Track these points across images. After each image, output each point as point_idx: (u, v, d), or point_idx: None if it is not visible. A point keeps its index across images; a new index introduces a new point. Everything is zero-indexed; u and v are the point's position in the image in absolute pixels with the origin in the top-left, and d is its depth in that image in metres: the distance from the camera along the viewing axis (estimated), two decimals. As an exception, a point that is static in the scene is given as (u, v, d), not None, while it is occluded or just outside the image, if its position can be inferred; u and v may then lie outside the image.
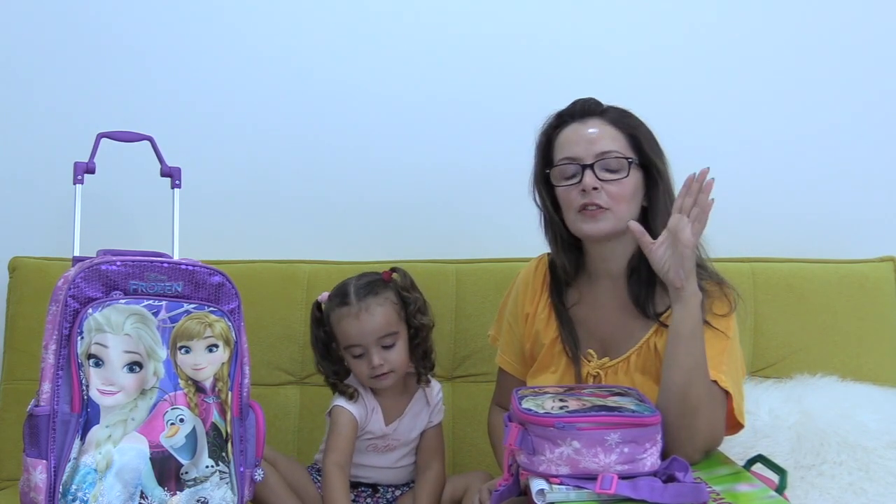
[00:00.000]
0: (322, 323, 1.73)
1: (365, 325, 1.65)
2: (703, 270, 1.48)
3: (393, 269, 1.75)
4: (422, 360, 1.75)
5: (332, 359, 1.73)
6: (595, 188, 1.47)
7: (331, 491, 1.63)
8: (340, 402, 1.71)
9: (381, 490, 1.77)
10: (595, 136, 1.50)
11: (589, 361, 1.54)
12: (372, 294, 1.68)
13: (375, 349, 1.66)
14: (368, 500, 1.76)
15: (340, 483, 1.64)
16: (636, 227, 1.43)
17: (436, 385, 1.81)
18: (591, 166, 1.48)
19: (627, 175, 1.48)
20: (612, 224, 1.48)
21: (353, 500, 1.75)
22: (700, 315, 1.38)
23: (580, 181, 1.48)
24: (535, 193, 1.60)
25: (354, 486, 1.76)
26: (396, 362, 1.68)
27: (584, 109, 1.54)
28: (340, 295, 1.70)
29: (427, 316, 1.73)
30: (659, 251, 1.40)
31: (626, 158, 1.48)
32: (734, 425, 1.45)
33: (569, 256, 1.58)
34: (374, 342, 1.66)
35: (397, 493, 1.78)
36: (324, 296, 1.75)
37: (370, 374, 1.68)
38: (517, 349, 1.66)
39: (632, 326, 1.52)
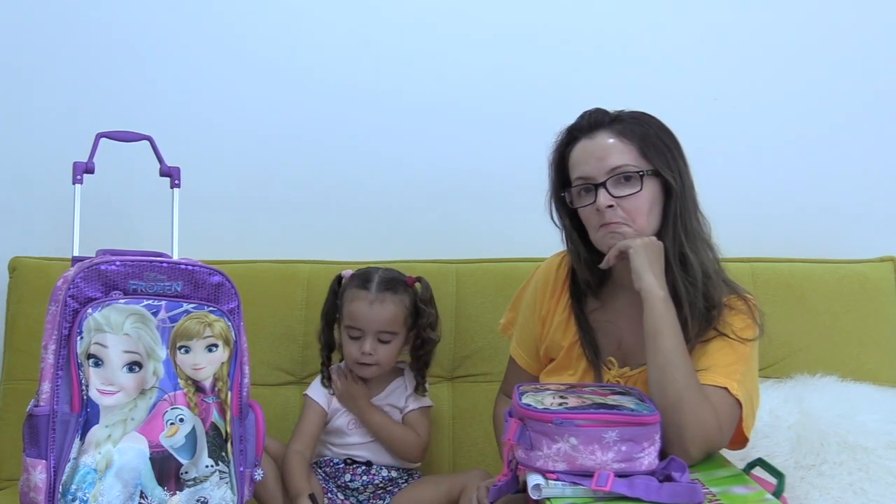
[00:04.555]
0: (337, 295, 1.83)
1: (372, 314, 1.76)
2: (723, 284, 1.47)
3: (418, 279, 1.85)
4: (421, 370, 1.85)
5: (332, 331, 1.85)
6: (610, 206, 1.43)
7: (291, 474, 1.72)
8: (312, 391, 1.84)
9: (376, 467, 1.81)
10: (604, 152, 1.45)
11: (609, 369, 1.52)
12: (391, 290, 1.78)
13: (372, 338, 1.76)
14: (364, 476, 1.80)
15: (299, 468, 1.73)
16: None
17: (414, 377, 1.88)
18: (604, 184, 1.44)
19: (641, 188, 1.43)
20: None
21: (350, 479, 1.80)
22: (663, 315, 1.38)
23: (595, 201, 1.45)
24: (552, 211, 1.57)
25: (349, 463, 1.81)
26: (384, 358, 1.78)
27: (592, 122, 1.49)
28: (363, 279, 1.80)
29: (436, 332, 1.84)
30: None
31: (638, 171, 1.44)
32: (740, 441, 1.44)
33: (592, 272, 1.54)
34: (373, 332, 1.76)
35: (393, 472, 1.81)
36: (347, 272, 1.85)
37: (357, 358, 1.77)
38: (531, 346, 1.65)
39: None
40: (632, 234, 1.44)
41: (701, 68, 2.21)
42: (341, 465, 1.81)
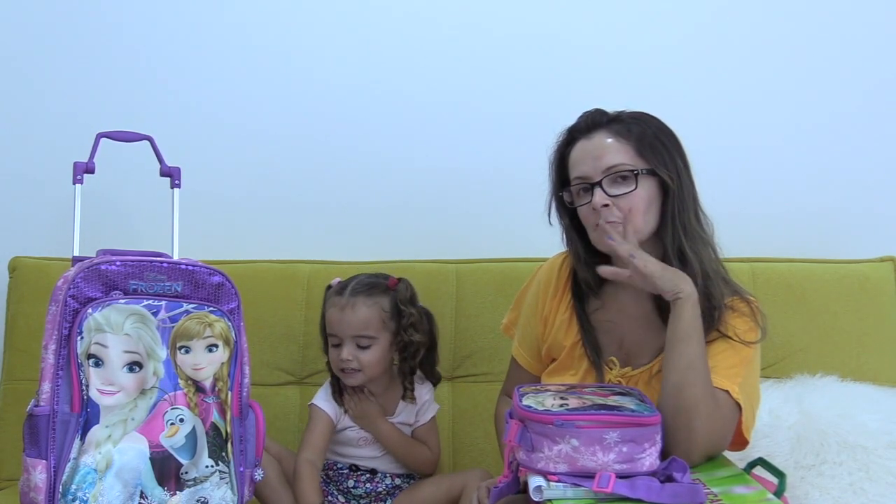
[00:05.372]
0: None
1: (344, 319, 1.73)
2: (725, 285, 1.47)
3: (399, 280, 1.80)
4: (409, 374, 1.80)
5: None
6: (606, 205, 1.43)
7: (301, 483, 1.69)
8: (319, 401, 1.79)
9: (380, 475, 1.80)
10: (600, 151, 1.46)
11: (611, 369, 1.52)
12: (365, 294, 1.75)
13: (350, 344, 1.73)
14: (367, 484, 1.79)
15: (310, 478, 1.70)
16: (606, 271, 1.43)
17: (421, 387, 1.84)
18: (600, 183, 1.44)
19: (636, 187, 1.44)
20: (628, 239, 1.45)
21: (353, 485, 1.79)
22: (693, 319, 1.37)
23: (591, 200, 1.46)
24: (550, 211, 1.58)
25: (354, 469, 1.80)
26: (367, 364, 1.74)
27: (590, 123, 1.50)
28: (342, 285, 1.78)
29: (419, 333, 1.77)
30: (635, 277, 1.40)
31: (633, 170, 1.44)
32: (740, 442, 1.44)
33: (591, 272, 1.53)
34: (349, 337, 1.73)
35: (397, 480, 1.80)
36: (336, 281, 1.82)
37: (339, 365, 1.75)
38: (533, 346, 1.64)
39: (654, 335, 1.49)
40: (628, 233, 1.44)
41: (701, 68, 2.21)
42: (345, 471, 1.80)
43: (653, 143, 1.46)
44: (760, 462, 1.38)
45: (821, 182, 2.21)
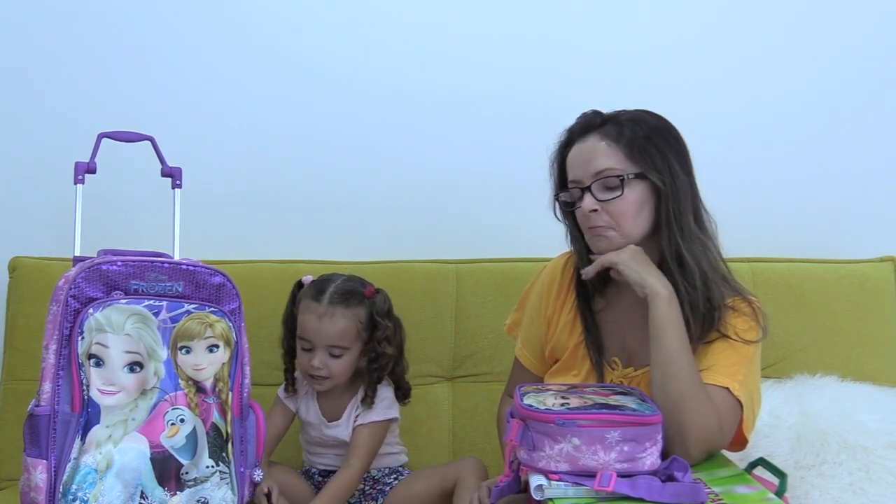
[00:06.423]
0: (294, 302, 1.78)
1: (321, 329, 1.70)
2: (726, 285, 1.46)
3: (377, 290, 1.77)
4: (375, 383, 1.76)
5: (293, 338, 1.78)
6: (594, 210, 1.44)
7: None
8: (283, 392, 1.82)
9: None
10: (591, 155, 1.45)
11: (613, 370, 1.52)
12: (343, 304, 1.71)
13: (322, 352, 1.71)
14: None
15: None
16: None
17: (383, 389, 1.79)
18: (590, 188, 1.45)
19: (622, 193, 1.43)
20: (617, 244, 1.45)
21: None
22: (669, 313, 1.38)
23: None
24: (555, 212, 1.58)
25: (324, 475, 1.79)
26: (336, 371, 1.72)
27: (584, 126, 1.50)
28: (318, 289, 1.74)
29: (392, 346, 1.75)
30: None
31: (618, 176, 1.43)
32: (740, 442, 1.44)
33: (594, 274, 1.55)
34: (323, 346, 1.70)
35: (373, 472, 1.79)
36: (307, 278, 1.79)
37: (308, 370, 1.73)
38: (536, 346, 1.65)
39: None
40: (617, 238, 1.45)
41: (701, 67, 2.21)
42: (320, 479, 1.79)
43: (644, 145, 1.45)
44: (761, 462, 1.37)
45: (821, 182, 2.22)
